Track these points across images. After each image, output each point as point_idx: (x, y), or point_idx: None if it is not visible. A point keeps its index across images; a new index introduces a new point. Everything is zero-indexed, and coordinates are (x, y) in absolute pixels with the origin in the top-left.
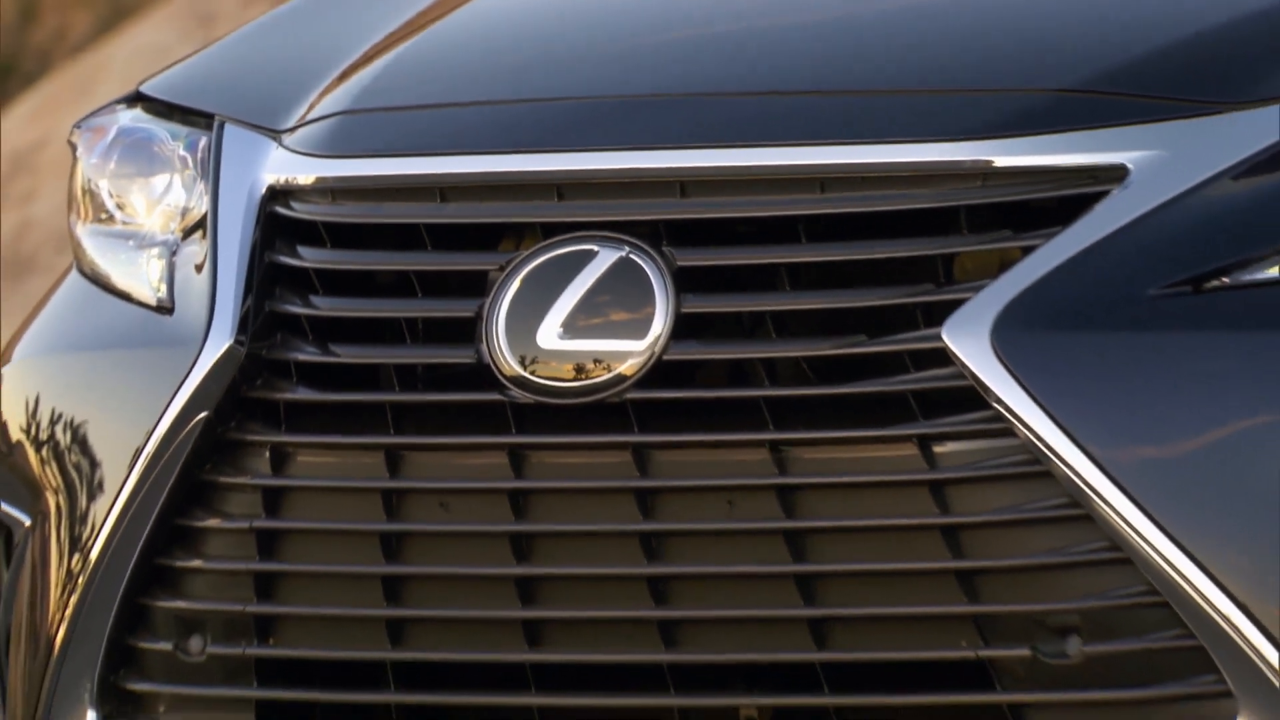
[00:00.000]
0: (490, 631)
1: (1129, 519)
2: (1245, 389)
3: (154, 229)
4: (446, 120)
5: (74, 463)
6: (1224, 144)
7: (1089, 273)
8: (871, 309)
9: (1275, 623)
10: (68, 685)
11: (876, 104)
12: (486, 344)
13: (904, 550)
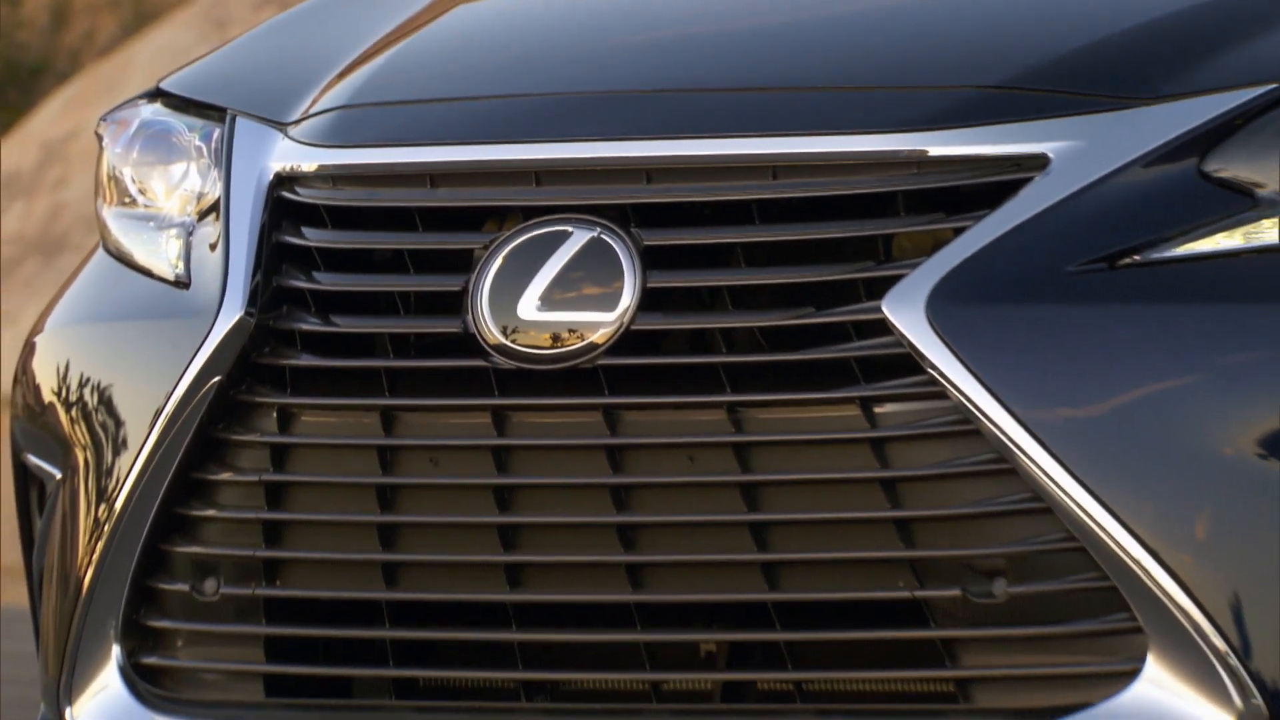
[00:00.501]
0: (475, 574)
1: (1049, 472)
2: (1154, 356)
3: (172, 212)
4: (435, 114)
5: (100, 422)
6: (1136, 136)
7: (1014, 251)
8: (819, 284)
9: (1182, 566)
10: (95, 623)
11: (823, 99)
12: (472, 315)
13: (848, 501)
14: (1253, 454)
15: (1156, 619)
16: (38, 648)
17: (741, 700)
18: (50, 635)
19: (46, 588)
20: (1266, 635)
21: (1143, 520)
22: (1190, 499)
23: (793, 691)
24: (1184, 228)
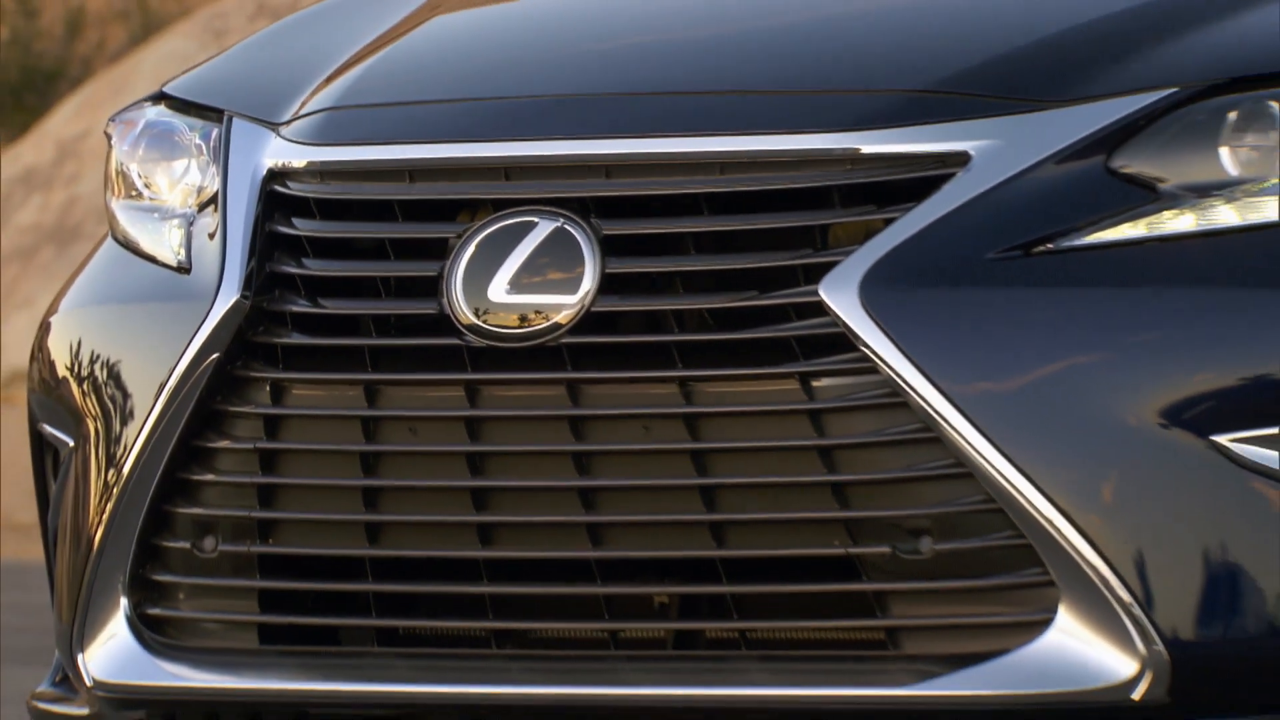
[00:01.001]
0: (450, 533)
1: (970, 440)
2: (1065, 335)
3: (175, 204)
4: (413, 115)
5: (109, 395)
6: (1049, 135)
7: (938, 240)
8: (762, 269)
9: (1090, 525)
10: (104, 577)
11: (766, 102)
12: (447, 298)
13: (788, 467)
14: (1154, 424)
15: (1067, 573)
16: (52, 600)
17: (691, 648)
18: (64, 588)
19: (60, 545)
20: (1167, 587)
21: (1055, 484)
22: (1098, 464)
23: (738, 639)
24: (1092, 218)
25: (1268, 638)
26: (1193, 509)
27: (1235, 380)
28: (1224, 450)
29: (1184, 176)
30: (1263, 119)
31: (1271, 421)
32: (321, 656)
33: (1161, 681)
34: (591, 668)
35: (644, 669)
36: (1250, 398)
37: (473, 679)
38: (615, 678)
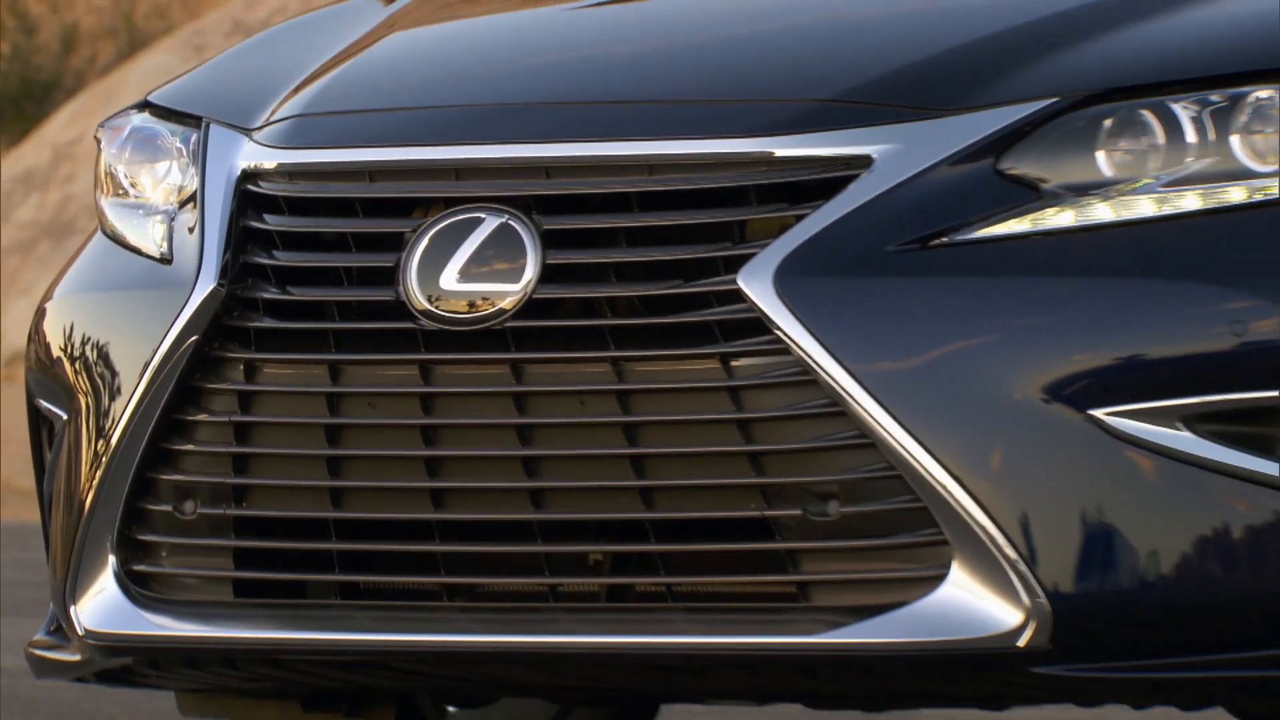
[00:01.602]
0: (405, 498)
1: (873, 414)
2: (958, 319)
3: (157, 201)
4: (372, 122)
5: (98, 373)
6: (944, 140)
7: (845, 234)
8: (686, 260)
9: (980, 489)
10: (94, 537)
11: (690, 110)
12: (402, 286)
13: (709, 438)
14: (1037, 399)
15: (959, 533)
16: (47, 557)
17: (623, 600)
18: (58, 547)
19: (55, 508)
20: (1049, 546)
21: (948, 452)
22: (987, 435)
23: (665, 593)
24: (983, 215)
25: (1139, 591)
26: (1071, 475)
27: (1110, 360)
28: (1099, 423)
29: (1064, 177)
30: (1135, 125)
31: (1142, 397)
32: (290, 608)
33: (1044, 630)
34: (533, 618)
35: (580, 619)
36: (1123, 376)
37: (426, 629)
38: (554, 627)
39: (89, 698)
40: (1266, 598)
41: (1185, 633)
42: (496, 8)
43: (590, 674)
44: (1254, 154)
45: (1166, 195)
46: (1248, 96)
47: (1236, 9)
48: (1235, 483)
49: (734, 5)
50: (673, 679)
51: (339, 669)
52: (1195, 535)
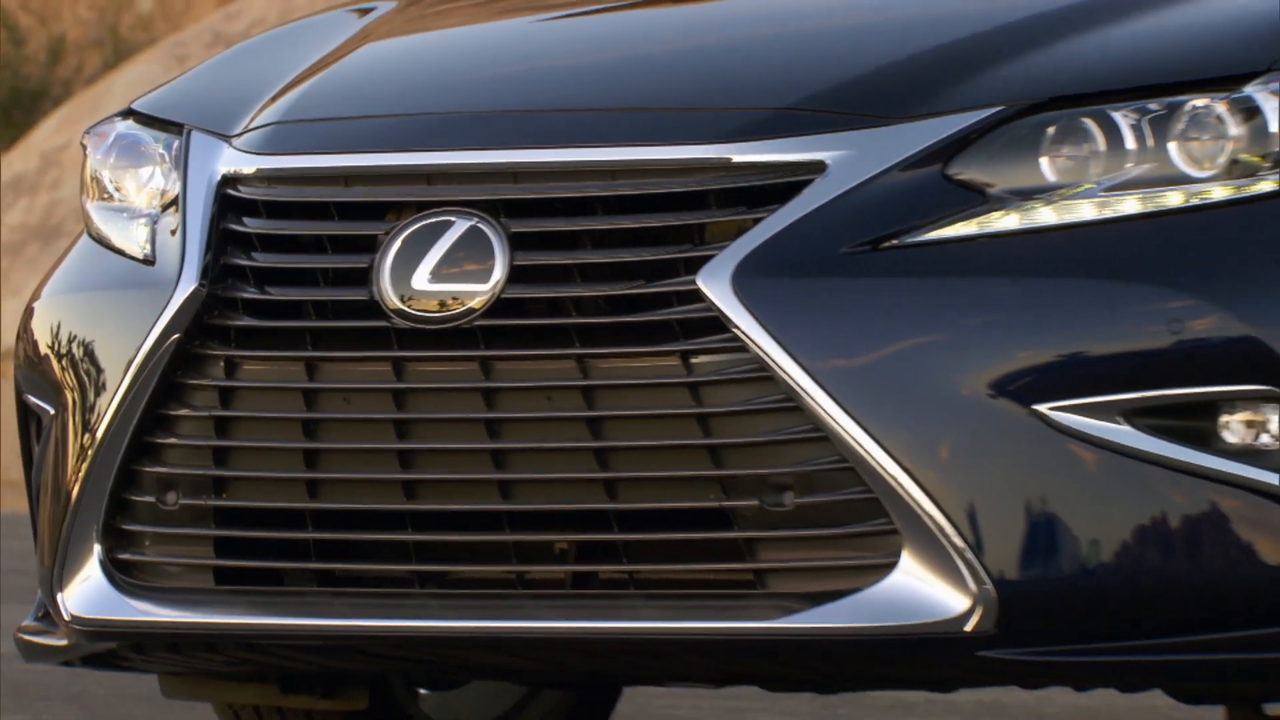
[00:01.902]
0: (379, 489)
1: (827, 409)
2: (908, 317)
3: (141, 205)
4: (348, 129)
5: (84, 370)
6: (895, 146)
7: (800, 236)
8: (648, 262)
9: (929, 481)
10: (80, 527)
11: (651, 118)
12: (376, 286)
13: (670, 431)
14: (983, 394)
15: (909, 523)
16: (35, 546)
17: (587, 587)
18: (45, 536)
19: (43, 499)
20: (995, 534)
21: (899, 446)
22: (936, 429)
23: (627, 580)
24: (931, 218)
25: (1081, 577)
26: (1016, 467)
27: (1053, 357)
28: (1043, 417)
29: (1010, 182)
30: (1077, 133)
31: (1083, 392)
32: (268, 595)
33: (990, 616)
34: (501, 605)
35: (546, 606)
36: (1066, 372)
37: (398, 614)
38: (521, 613)
39: (75, 681)
40: (1202, 585)
41: (1125, 618)
42: (467, 20)
43: (555, 658)
44: (1191, 160)
45: (1107, 199)
46: (1185, 105)
47: (1174, 21)
48: (1172, 474)
49: (693, 17)
50: (634, 662)
51: (315, 653)
52: (1134, 525)
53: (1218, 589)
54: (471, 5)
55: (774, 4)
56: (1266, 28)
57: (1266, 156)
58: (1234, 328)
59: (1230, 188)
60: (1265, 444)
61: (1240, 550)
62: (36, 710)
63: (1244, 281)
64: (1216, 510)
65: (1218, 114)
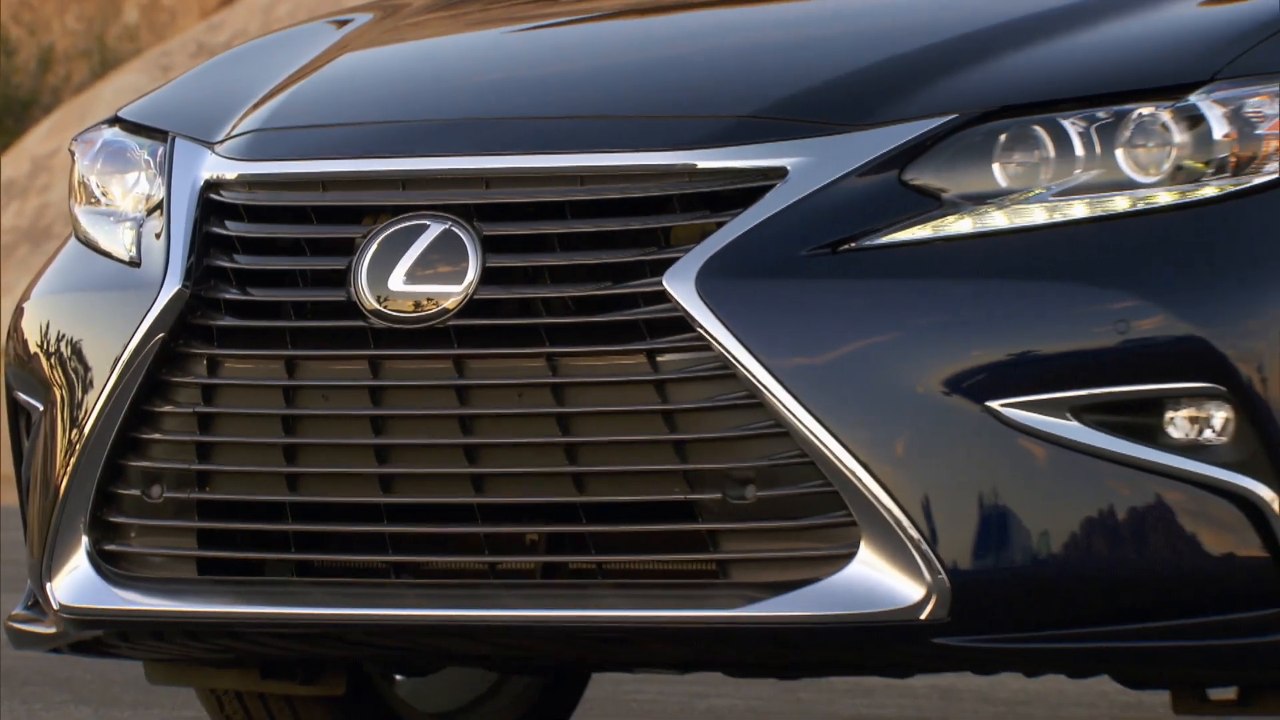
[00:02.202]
0: (356, 482)
1: (787, 405)
2: (866, 317)
3: (127, 209)
4: (326, 136)
5: (72, 368)
6: (853, 153)
7: (762, 239)
8: (615, 264)
9: (886, 475)
10: (69, 519)
11: (619, 125)
12: (353, 287)
13: (637, 427)
14: (938, 391)
15: (867, 515)
16: (25, 538)
17: (557, 577)
18: (35, 528)
19: (33, 492)
20: (949, 526)
21: (857, 441)
22: (892, 425)
23: (595, 570)
24: (888, 222)
25: (1031, 568)
26: (969, 461)
27: (1004, 356)
28: (995, 413)
29: (963, 187)
30: (1028, 140)
31: (1034, 390)
32: (249, 585)
33: (944, 604)
34: (473, 594)
35: (517, 595)
36: (1017, 370)
37: (375, 604)
38: (493, 602)
39: (63, 667)
40: (1147, 574)
41: (1073, 606)
42: (441, 31)
43: (526, 645)
44: (1137, 166)
45: (1057, 204)
46: (1131, 113)
47: (1121, 32)
48: (1119, 468)
49: (658, 29)
50: (602, 650)
51: (294, 641)
52: (1083, 517)
53: (1163, 578)
54: (445, 17)
55: (736, 15)
56: (1210, 39)
57: (1209, 163)
58: (1178, 327)
59: (1175, 193)
60: (1208, 439)
61: (1184, 541)
62: (26, 695)
63: (1188, 283)
64: (1162, 503)
65: (1163, 122)
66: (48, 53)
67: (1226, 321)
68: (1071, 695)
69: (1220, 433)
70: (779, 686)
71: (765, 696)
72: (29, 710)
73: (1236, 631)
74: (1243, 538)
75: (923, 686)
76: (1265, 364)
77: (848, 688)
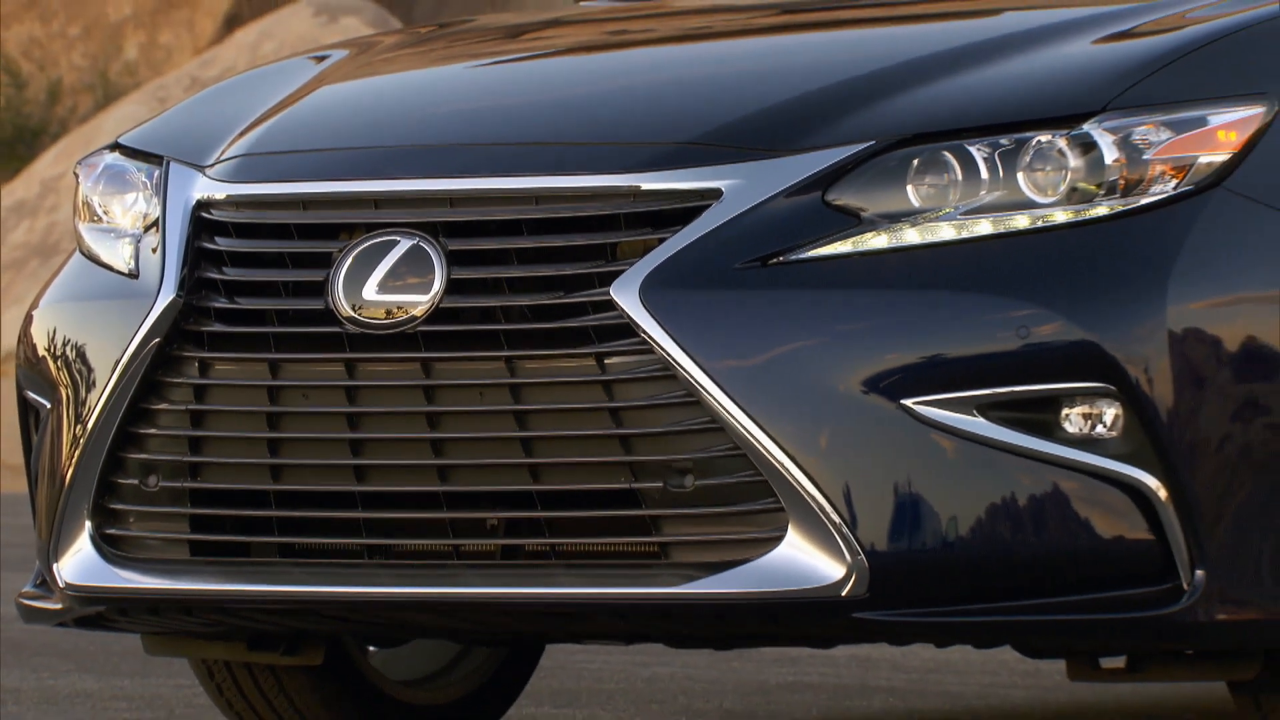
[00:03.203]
0: (333, 473)
1: (722, 403)
2: (792, 323)
3: (126, 226)
4: (306, 160)
5: (77, 369)
6: (781, 176)
7: (699, 253)
8: (567, 275)
9: (811, 466)
10: (73, 506)
11: (570, 151)
12: (331, 296)
13: (586, 422)
14: (857, 391)
15: (794, 502)
16: (34, 522)
17: (515, 558)
18: (43, 514)
19: (40, 482)
20: (867, 512)
21: (784, 435)
22: (816, 421)
23: (549, 552)
24: (812, 238)
25: (941, 549)
26: (885, 454)
27: (917, 358)
28: (908, 410)
29: (880, 207)
30: (938, 164)
31: (943, 389)
32: (237, 565)
33: (863, 582)
34: (439, 573)
35: (479, 574)
36: (928, 371)
37: (350, 582)
38: (457, 581)
39: (68, 639)
40: (1046, 555)
41: (979, 584)
42: (410, 66)
43: (487, 620)
44: (1036, 188)
45: (964, 222)
46: (1031, 140)
47: (1022, 67)
48: (1020, 460)
49: (605, 65)
50: (555, 623)
51: (277, 615)
52: (988, 504)
53: (1060, 559)
54: (414, 53)
55: (675, 52)
56: (1102, 73)
57: (1101, 185)
58: (1073, 333)
59: (1070, 212)
60: (1100, 433)
61: (1079, 525)
62: (35, 665)
63: (1082, 293)
64: (1058, 491)
65: (1059, 148)
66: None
67: (1116, 327)
68: (976, 664)
69: (1111, 428)
70: (714, 656)
71: (701, 665)
72: (38, 678)
73: (1125, 606)
74: (1131, 522)
75: (843, 656)
76: (1151, 365)
77: (776, 657)
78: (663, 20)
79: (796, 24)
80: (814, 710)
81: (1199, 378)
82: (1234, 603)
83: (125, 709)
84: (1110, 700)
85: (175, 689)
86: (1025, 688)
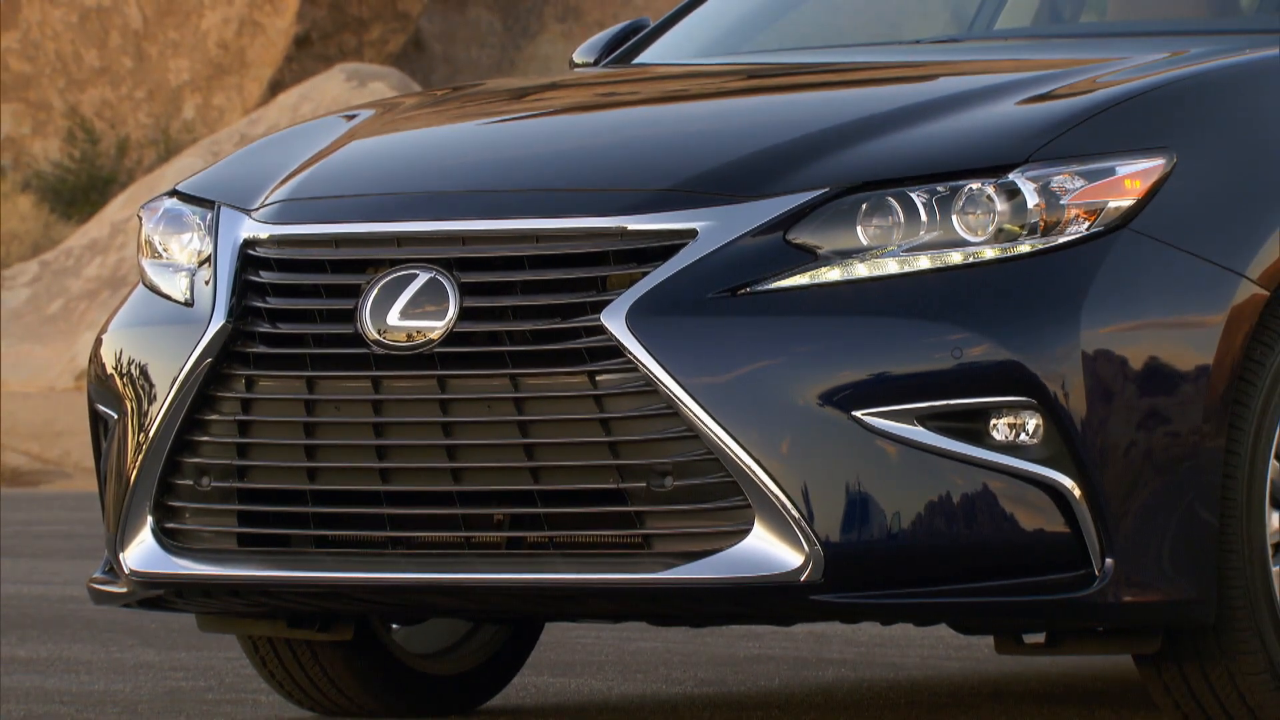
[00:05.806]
0: (361, 474)
1: (697, 414)
2: (757, 345)
3: (183, 261)
4: (337, 205)
5: (140, 385)
6: (748, 218)
7: (677, 285)
8: (564, 304)
9: (774, 468)
10: (137, 503)
11: (567, 196)
12: (359, 322)
13: (581, 431)
14: (814, 404)
15: (759, 500)
16: (103, 517)
17: (518, 549)
18: (110, 510)
19: (109, 482)
20: (822, 509)
21: (751, 442)
22: (779, 430)
23: (548, 543)
24: (775, 272)
25: (886, 541)
26: (838, 458)
27: (866, 375)
28: (858, 420)
29: (834, 245)
30: (884, 208)
31: (889, 402)
32: (278, 554)
33: (819, 569)
34: (453, 561)
35: (487, 562)
36: (875, 386)
37: (376, 569)
38: (468, 568)
39: (133, 618)
40: (976, 545)
41: (919, 571)
42: (428, 123)
43: (494, 601)
44: (968, 229)
45: (906, 258)
46: (964, 187)
47: (956, 125)
48: (954, 463)
49: (596, 122)
50: (553, 605)
51: (313, 598)
52: (926, 501)
53: (988, 549)
54: (432, 112)
55: (658, 111)
56: (1025, 130)
57: (1024, 226)
58: (1000, 354)
59: (997, 249)
60: (1024, 440)
61: (1005, 520)
62: (104, 640)
63: (1007, 319)
64: (987, 490)
65: (988, 194)
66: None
67: (1037, 349)
68: (916, 639)
69: (1033, 436)
70: (690, 633)
71: (679, 640)
72: (107, 652)
73: (1045, 590)
74: (1050, 517)
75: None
76: (1067, 382)
77: (743, 634)
78: (646, 84)
79: (761, 86)
80: (776, 680)
81: (1109, 392)
82: (1138, 586)
83: (182, 678)
84: (1032, 671)
85: (226, 661)
86: (959, 660)
